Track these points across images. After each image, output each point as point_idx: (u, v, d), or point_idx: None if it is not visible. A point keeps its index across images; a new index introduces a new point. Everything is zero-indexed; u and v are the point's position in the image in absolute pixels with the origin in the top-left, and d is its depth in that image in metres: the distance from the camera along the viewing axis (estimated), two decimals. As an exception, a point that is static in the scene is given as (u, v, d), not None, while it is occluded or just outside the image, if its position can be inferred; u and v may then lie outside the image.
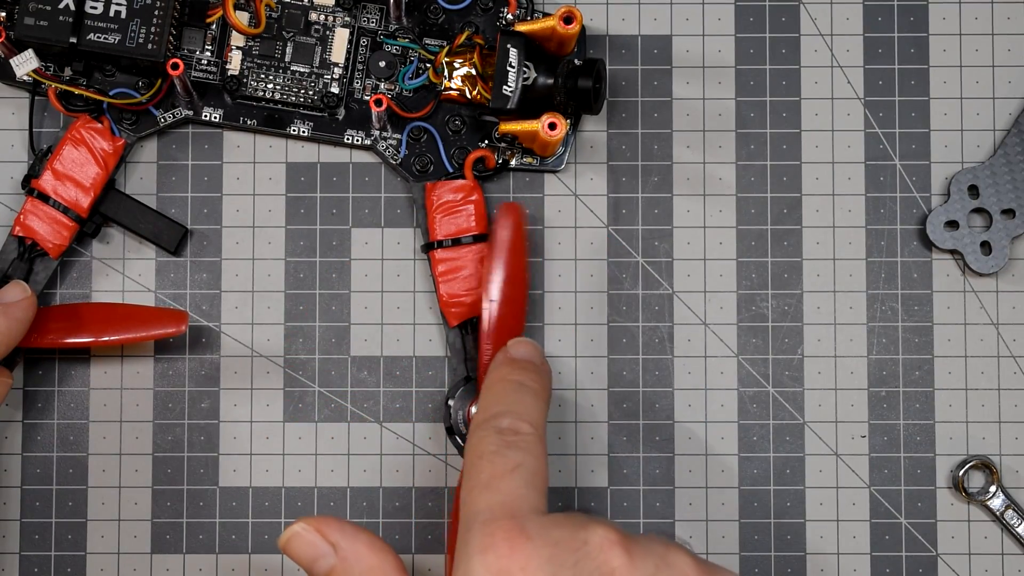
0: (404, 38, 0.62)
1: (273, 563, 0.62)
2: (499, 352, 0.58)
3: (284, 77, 0.62)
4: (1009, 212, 0.62)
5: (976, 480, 0.62)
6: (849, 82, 0.63)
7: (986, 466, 0.62)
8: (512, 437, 0.53)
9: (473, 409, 0.59)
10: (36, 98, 0.62)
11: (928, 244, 0.62)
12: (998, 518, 0.62)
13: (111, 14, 0.59)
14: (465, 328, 0.61)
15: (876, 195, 0.63)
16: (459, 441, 0.60)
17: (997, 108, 0.63)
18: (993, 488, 0.62)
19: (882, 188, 0.63)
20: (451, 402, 0.60)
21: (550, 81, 0.59)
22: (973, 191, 0.62)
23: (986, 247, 0.62)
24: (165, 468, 0.62)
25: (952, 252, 0.63)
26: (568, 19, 0.58)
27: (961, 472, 0.62)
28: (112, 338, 0.60)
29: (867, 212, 0.63)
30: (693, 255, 0.63)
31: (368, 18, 0.62)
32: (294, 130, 0.62)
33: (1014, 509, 0.62)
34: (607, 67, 0.63)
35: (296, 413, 0.62)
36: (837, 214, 0.63)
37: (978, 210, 0.62)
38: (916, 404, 0.62)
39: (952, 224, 0.62)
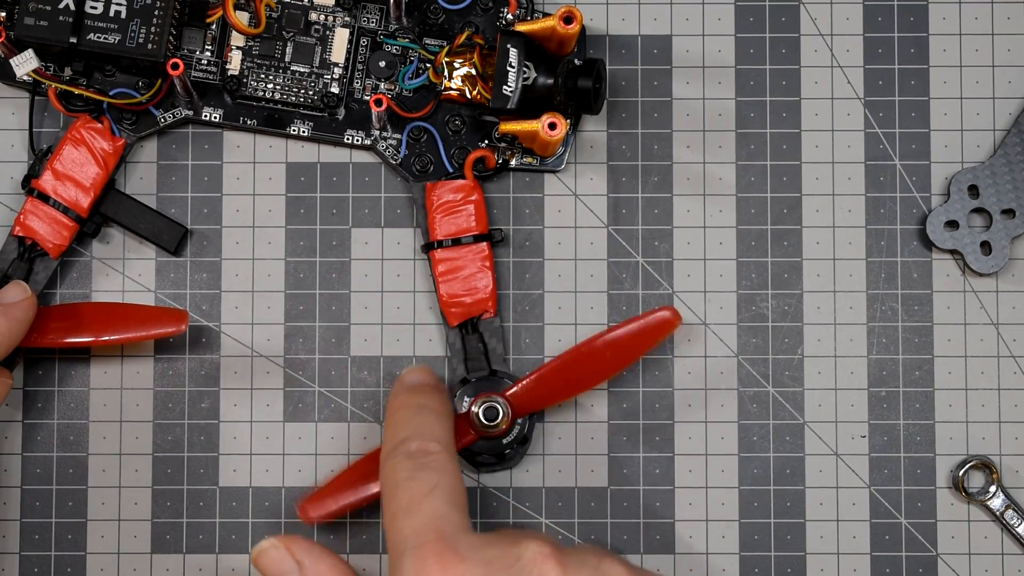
0: (404, 38, 0.62)
1: (273, 563, 0.62)
2: (395, 383, 0.59)
3: (284, 77, 0.62)
4: (1009, 212, 0.62)
5: (976, 480, 0.62)
6: (849, 82, 0.63)
7: (986, 466, 0.62)
8: (423, 459, 0.54)
9: (474, 408, 0.59)
10: (36, 98, 0.62)
11: (928, 244, 0.62)
12: (998, 518, 0.62)
13: (111, 14, 0.59)
14: (465, 328, 0.61)
15: (876, 195, 0.63)
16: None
17: (997, 108, 0.63)
18: (993, 488, 0.62)
19: (882, 188, 0.63)
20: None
21: (550, 81, 0.59)
22: (973, 191, 0.62)
23: (986, 247, 0.62)
24: (165, 468, 0.62)
25: (952, 252, 0.63)
26: (568, 19, 0.58)
27: (961, 472, 0.62)
28: (112, 338, 0.60)
29: (867, 212, 0.63)
30: (693, 255, 0.63)
31: (368, 18, 0.62)
32: (294, 130, 0.62)
33: (1014, 509, 0.62)
34: (607, 67, 0.63)
35: (296, 413, 0.62)
36: (837, 214, 0.63)
37: (978, 210, 0.62)
38: (916, 404, 0.62)
39: (952, 224, 0.62)
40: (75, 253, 0.63)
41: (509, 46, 0.59)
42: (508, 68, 0.59)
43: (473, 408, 0.59)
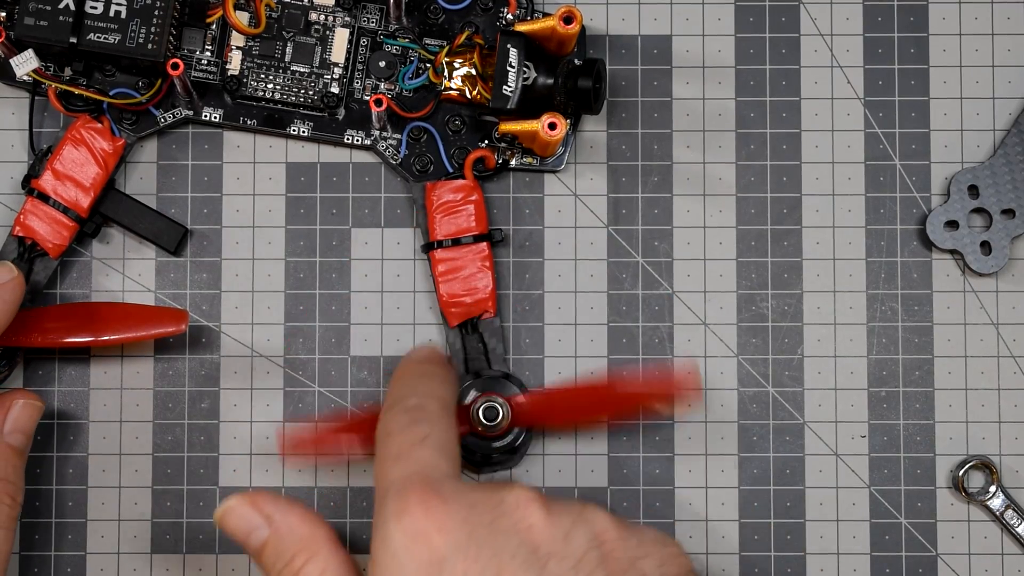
0: (404, 38, 0.62)
1: (273, 563, 0.62)
2: (404, 357, 0.59)
3: (284, 77, 0.62)
4: (1009, 212, 0.62)
5: (976, 480, 0.62)
6: (849, 82, 0.63)
7: (986, 466, 0.62)
8: (419, 414, 0.53)
9: (475, 407, 0.59)
10: (36, 98, 0.62)
11: (928, 244, 0.62)
12: (998, 518, 0.62)
13: (111, 14, 0.59)
14: (465, 328, 0.61)
15: (876, 195, 0.63)
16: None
17: (997, 108, 0.63)
18: (993, 488, 0.62)
19: (882, 188, 0.63)
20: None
21: (550, 81, 0.59)
22: (973, 191, 0.62)
23: (986, 247, 0.62)
24: (165, 468, 0.62)
25: (952, 252, 0.63)
26: (568, 19, 0.59)
27: (961, 472, 0.62)
28: (112, 338, 0.60)
29: (867, 212, 0.63)
30: (693, 255, 0.63)
31: (368, 18, 0.62)
32: (294, 130, 0.62)
33: (1014, 509, 0.62)
34: (607, 67, 0.63)
35: (296, 413, 0.62)
36: (837, 214, 0.63)
37: (978, 210, 0.62)
38: (916, 404, 0.62)
39: (952, 224, 0.62)
40: (75, 253, 0.63)
41: (509, 46, 0.59)
42: (508, 68, 0.59)
43: (474, 407, 0.59)
